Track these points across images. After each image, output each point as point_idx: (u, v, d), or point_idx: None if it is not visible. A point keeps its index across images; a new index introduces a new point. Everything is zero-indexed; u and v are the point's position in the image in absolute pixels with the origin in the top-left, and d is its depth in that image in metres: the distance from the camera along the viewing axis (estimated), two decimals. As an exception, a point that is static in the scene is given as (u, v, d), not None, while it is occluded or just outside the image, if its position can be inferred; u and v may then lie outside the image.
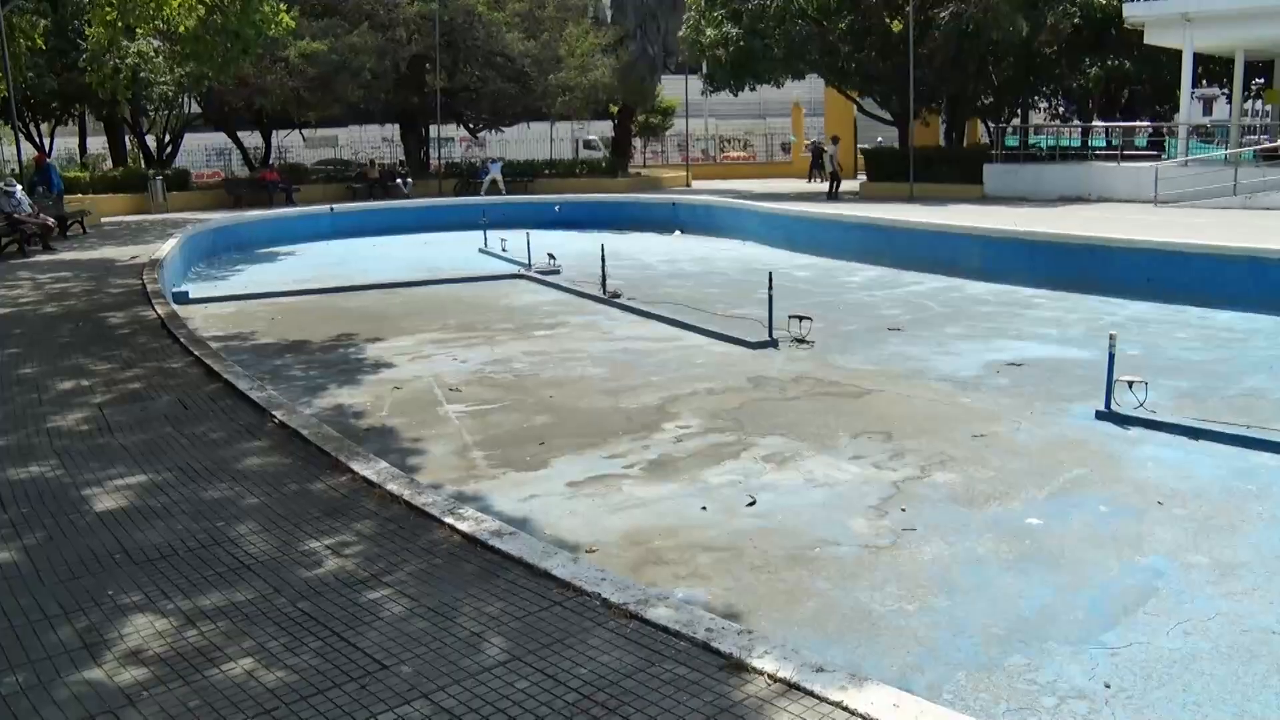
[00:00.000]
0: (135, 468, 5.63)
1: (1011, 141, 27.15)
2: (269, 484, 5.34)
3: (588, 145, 49.65)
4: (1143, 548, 5.12)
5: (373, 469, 5.45)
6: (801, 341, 10.26)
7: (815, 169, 34.19)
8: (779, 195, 27.12)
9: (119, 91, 21.19)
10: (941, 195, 24.70)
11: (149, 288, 12.49)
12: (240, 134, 33.92)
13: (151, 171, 27.88)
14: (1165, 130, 28.76)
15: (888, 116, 29.95)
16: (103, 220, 22.61)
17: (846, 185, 29.14)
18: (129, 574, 4.21)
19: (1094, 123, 31.00)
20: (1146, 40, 24.06)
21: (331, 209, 25.08)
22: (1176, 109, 26.01)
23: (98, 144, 35.44)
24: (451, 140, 42.01)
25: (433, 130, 33.44)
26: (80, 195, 23.99)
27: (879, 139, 35.34)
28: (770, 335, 10.23)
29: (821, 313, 11.55)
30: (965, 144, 32.13)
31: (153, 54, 21.85)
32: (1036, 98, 34.21)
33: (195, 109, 31.36)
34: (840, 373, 9.11)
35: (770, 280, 10.46)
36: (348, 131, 47.57)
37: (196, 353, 8.68)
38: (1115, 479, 6.14)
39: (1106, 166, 24.00)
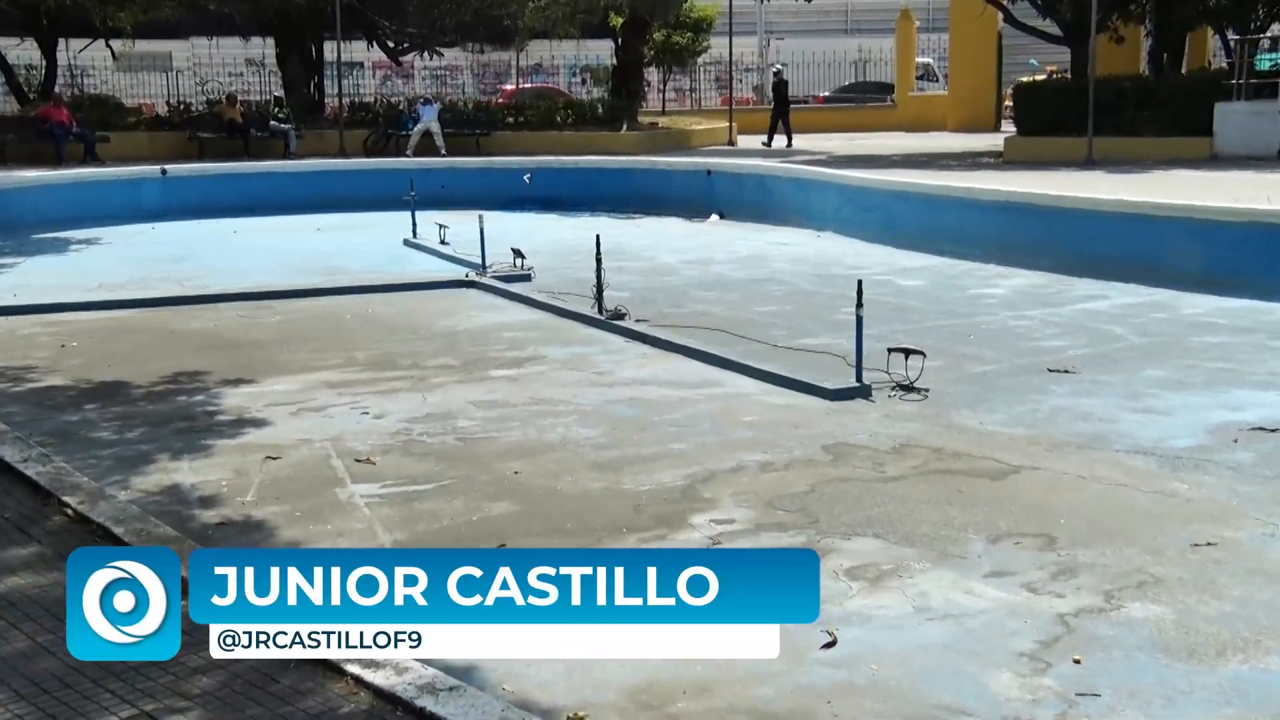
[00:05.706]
0: None
1: (1265, 64, 26.79)
2: (48, 618, 5.31)
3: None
4: None
5: (227, 588, 5.41)
6: (909, 389, 10.27)
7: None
8: (876, 159, 27.29)
9: None
10: (1141, 155, 24.75)
11: None
12: (3, 44, 33.93)
13: None
14: None
15: (1054, 31, 30.03)
16: None
17: (981, 142, 29.05)
18: None
19: None
20: None
21: (164, 171, 25.31)
22: None
23: None
24: (360, 66, 42.25)
25: (329, 52, 33.74)
26: None
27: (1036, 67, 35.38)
28: (859, 379, 10.27)
29: (941, 344, 11.61)
30: (1184, 71, 31.93)
31: None
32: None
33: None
34: (971, 439, 9.10)
35: (860, 292, 10.48)
36: (189, 47, 47.85)
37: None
38: None
39: None
